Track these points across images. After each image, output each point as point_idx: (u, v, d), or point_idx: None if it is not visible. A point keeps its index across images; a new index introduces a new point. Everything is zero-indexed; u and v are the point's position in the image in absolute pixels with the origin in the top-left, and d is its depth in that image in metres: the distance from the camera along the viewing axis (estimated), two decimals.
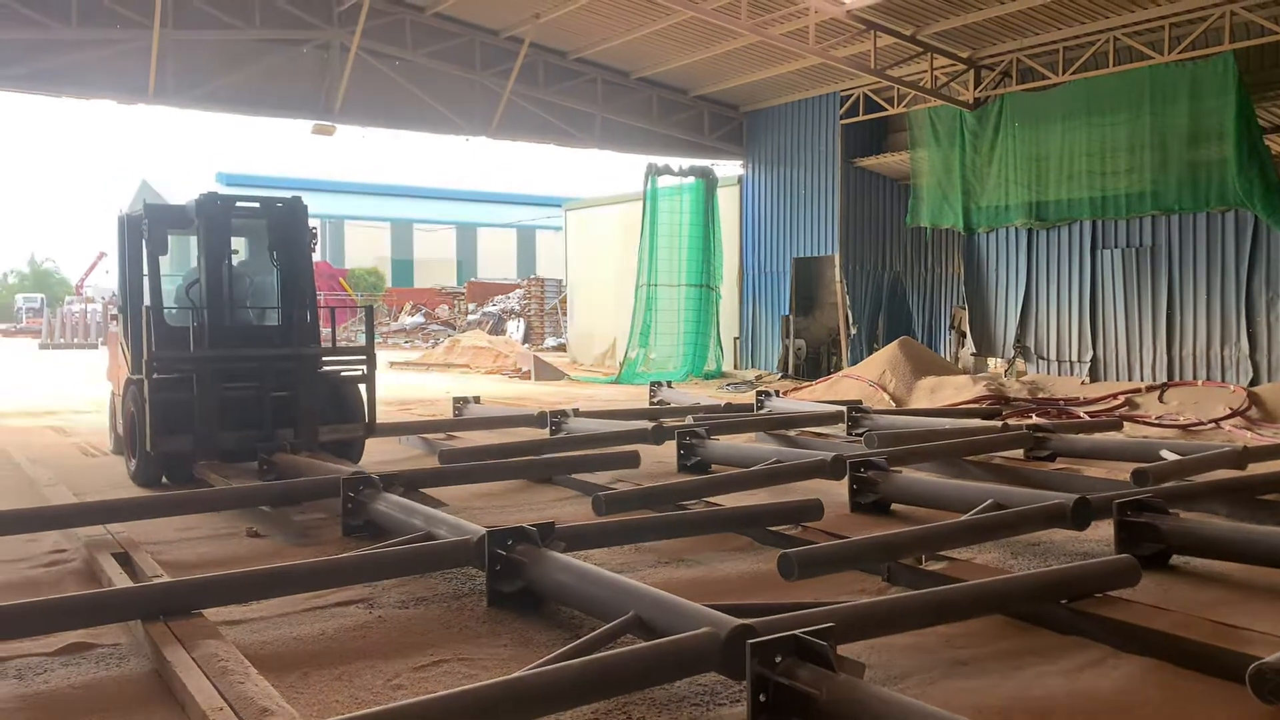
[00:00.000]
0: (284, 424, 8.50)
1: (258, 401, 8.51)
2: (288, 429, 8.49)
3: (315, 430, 8.56)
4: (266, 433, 8.44)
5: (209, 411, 8.20)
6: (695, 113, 20.84)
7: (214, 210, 8.51)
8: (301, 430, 8.47)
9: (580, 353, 25.77)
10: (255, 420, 8.48)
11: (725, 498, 6.98)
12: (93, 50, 15.48)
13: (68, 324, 38.01)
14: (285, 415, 8.54)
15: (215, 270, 8.51)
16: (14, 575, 5.63)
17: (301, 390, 8.53)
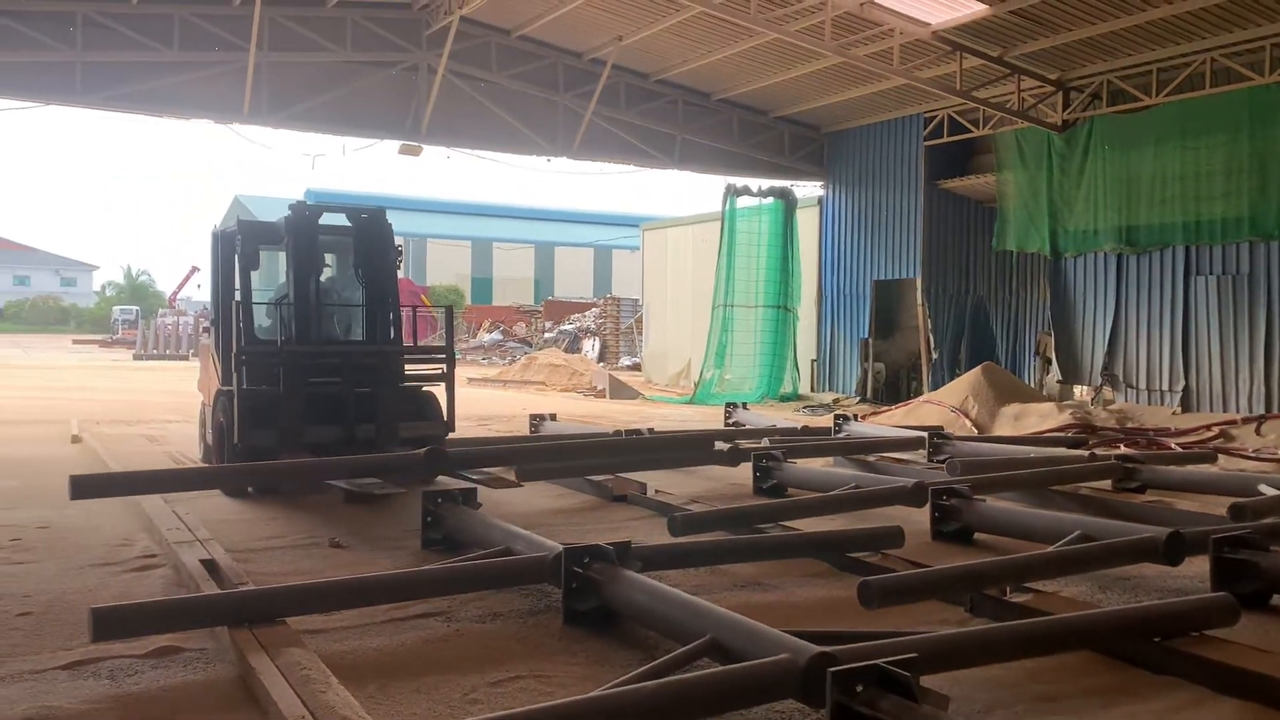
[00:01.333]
0: (365, 420, 8.74)
1: (341, 399, 8.76)
2: (369, 425, 8.73)
3: (395, 427, 8.75)
4: (349, 428, 8.64)
5: (294, 407, 8.44)
6: (775, 133, 20.79)
7: (303, 224, 8.77)
8: (382, 426, 8.65)
9: (655, 372, 25.79)
10: (338, 417, 8.72)
11: (802, 522, 6.89)
12: (192, 72, 16.04)
13: (161, 335, 39.25)
14: (367, 411, 8.81)
15: (304, 284, 8.76)
16: (107, 578, 5.81)
17: (383, 388, 8.71)
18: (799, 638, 3.76)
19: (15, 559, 6.24)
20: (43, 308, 71.54)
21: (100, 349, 43.67)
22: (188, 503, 7.79)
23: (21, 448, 11.50)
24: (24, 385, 21.77)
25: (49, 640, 4.64)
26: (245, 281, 8.83)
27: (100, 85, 15.57)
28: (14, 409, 16.15)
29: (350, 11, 16.88)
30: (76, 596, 5.32)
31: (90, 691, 4.00)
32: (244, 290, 8.75)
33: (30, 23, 14.98)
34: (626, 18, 16.68)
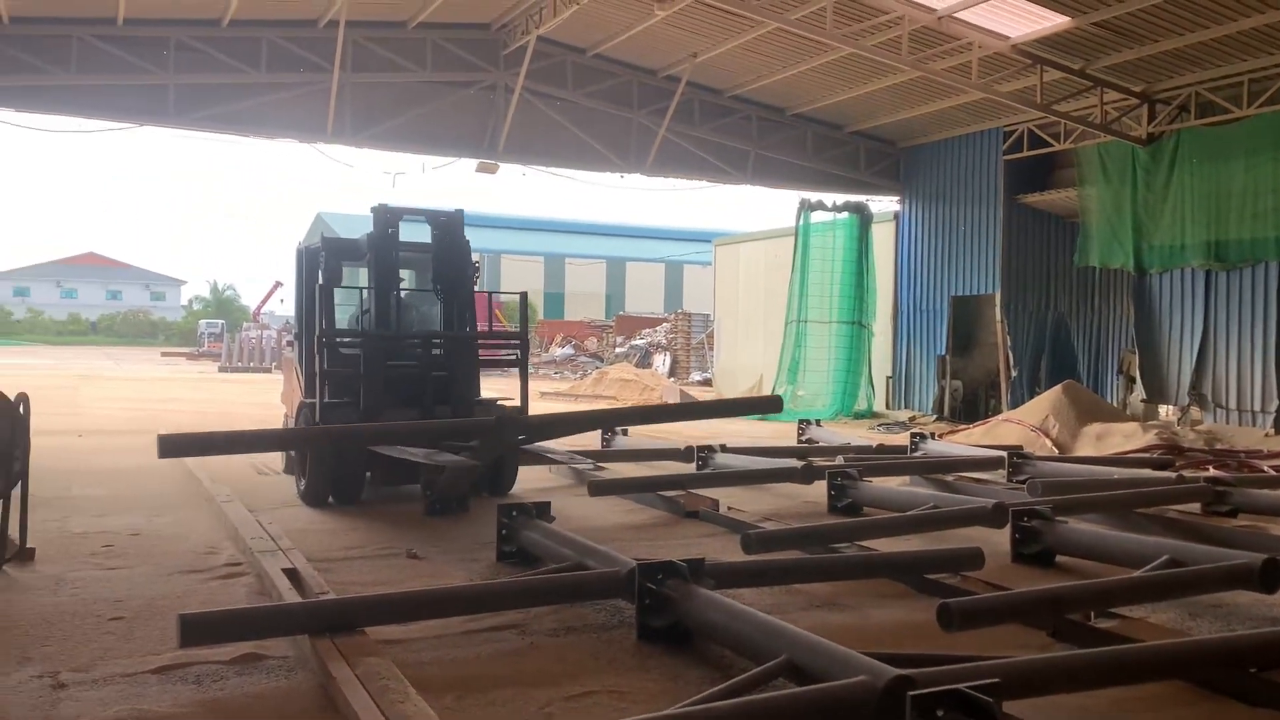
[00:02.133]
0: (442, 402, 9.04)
1: (419, 382, 9.07)
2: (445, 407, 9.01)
3: (471, 406, 8.94)
4: (426, 411, 8.94)
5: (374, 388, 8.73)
6: (850, 148, 20.64)
7: (383, 240, 8.99)
8: (458, 410, 8.80)
9: (726, 388, 25.69)
10: (416, 400, 8.99)
11: (879, 542, 6.80)
12: (278, 93, 16.52)
13: (245, 348, 40.33)
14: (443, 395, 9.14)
15: (384, 298, 8.97)
16: (194, 585, 5.97)
17: (459, 370, 8.97)
18: (877, 659, 3.71)
19: (108, 565, 6.45)
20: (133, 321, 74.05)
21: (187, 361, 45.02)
22: (271, 513, 7.99)
23: (113, 457, 11.89)
24: (115, 396, 22.54)
25: (140, 644, 4.78)
26: (328, 296, 9.05)
27: (191, 107, 16.11)
28: (106, 419, 16.73)
29: (430, 33, 17.23)
30: (165, 602, 5.47)
31: (178, 696, 4.11)
32: (327, 306, 8.97)
33: (127, 47, 15.58)
34: (702, 35, 16.74)
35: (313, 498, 8.74)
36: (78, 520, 7.88)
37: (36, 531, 6.95)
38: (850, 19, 14.80)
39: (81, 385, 25.61)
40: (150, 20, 15.54)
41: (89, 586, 5.85)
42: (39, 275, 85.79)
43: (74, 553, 6.73)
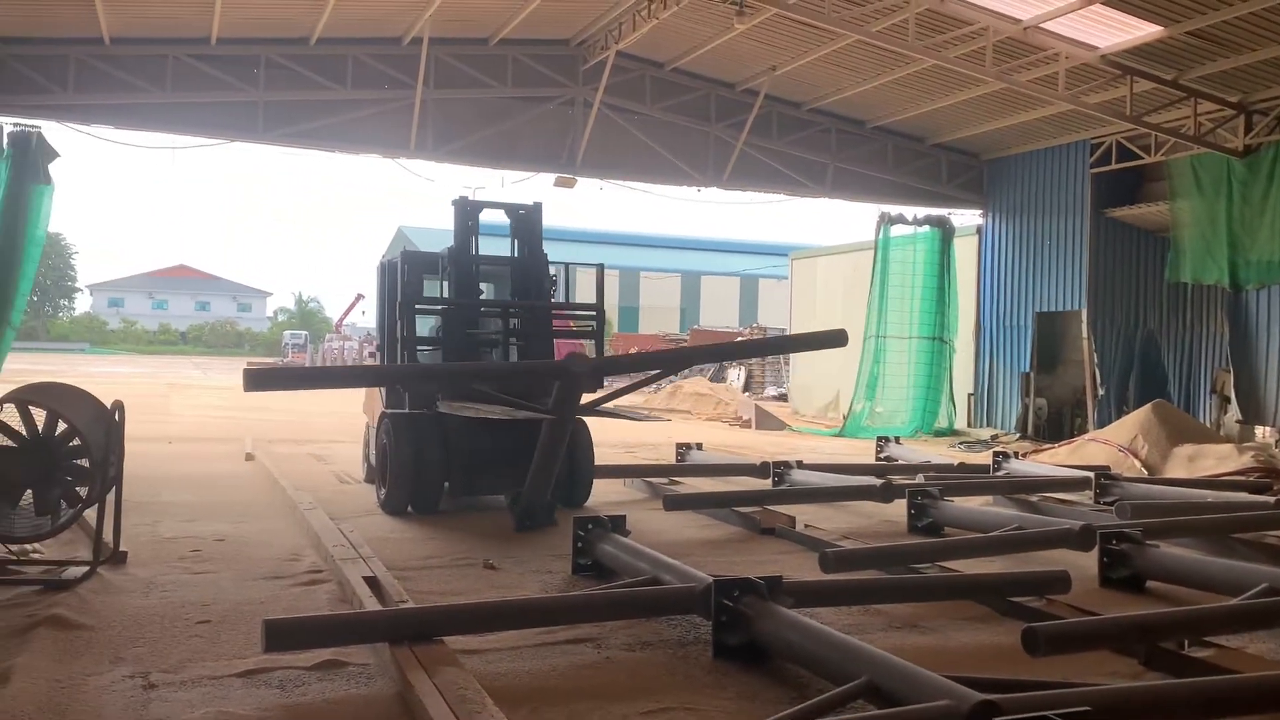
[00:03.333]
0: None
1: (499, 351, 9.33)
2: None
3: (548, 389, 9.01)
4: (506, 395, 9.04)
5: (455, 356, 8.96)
6: (932, 160, 20.35)
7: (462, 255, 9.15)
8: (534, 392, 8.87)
9: (802, 403, 25.48)
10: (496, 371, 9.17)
11: (960, 563, 6.65)
12: (363, 109, 16.90)
13: (327, 359, 41.23)
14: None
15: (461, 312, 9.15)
16: (278, 591, 6.09)
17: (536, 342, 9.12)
18: (960, 683, 3.62)
19: (195, 569, 6.62)
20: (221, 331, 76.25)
21: None
22: (352, 521, 8.13)
23: (201, 464, 12.23)
24: (204, 404, 23.20)
25: (226, 648, 4.89)
26: (409, 309, 9.22)
27: (279, 123, 16.57)
28: (194, 427, 17.23)
29: (511, 49, 17.46)
30: (250, 608, 5.59)
31: (262, 700, 4.19)
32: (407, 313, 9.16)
33: (219, 65, 16.09)
34: (781, 48, 16.68)
35: (392, 507, 8.87)
36: (167, 525, 8.11)
37: (129, 535, 7.16)
38: (933, 31, 14.60)
39: (171, 394, 26.42)
40: (242, 39, 16.03)
41: (178, 590, 6.00)
42: (132, 287, 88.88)
43: (164, 557, 6.92)
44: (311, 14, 15.26)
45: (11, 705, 3.94)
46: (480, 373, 8.61)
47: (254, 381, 6.91)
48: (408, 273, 9.29)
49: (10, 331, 16.04)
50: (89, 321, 76.70)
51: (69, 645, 4.83)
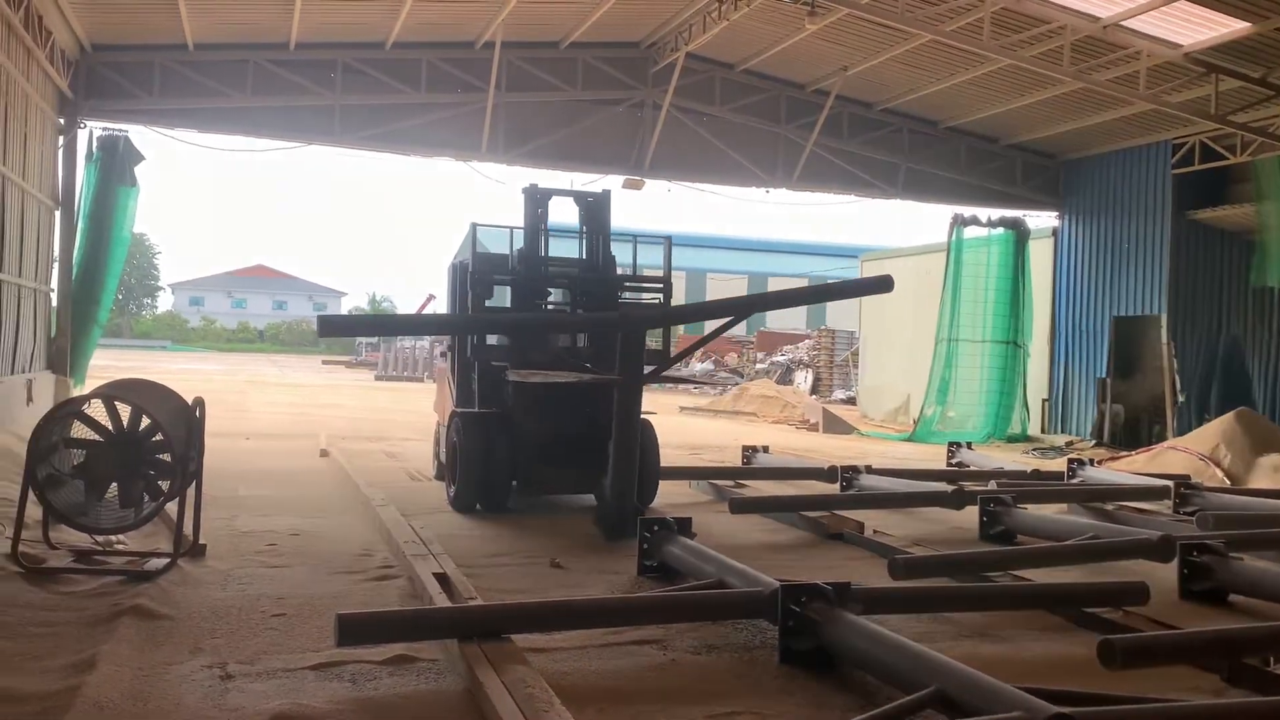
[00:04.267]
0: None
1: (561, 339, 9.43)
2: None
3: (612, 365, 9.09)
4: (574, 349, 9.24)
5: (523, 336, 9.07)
6: (1006, 162, 19.99)
7: (531, 259, 9.23)
8: (599, 364, 8.98)
9: (871, 407, 25.19)
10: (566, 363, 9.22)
11: (1033, 572, 6.52)
12: (436, 113, 17.15)
13: (400, 358, 41.87)
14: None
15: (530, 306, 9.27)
16: (350, 586, 6.21)
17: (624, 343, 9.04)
18: (1031, 694, 3.56)
19: (271, 563, 6.77)
20: (297, 330, 77.79)
21: (346, 369, 46.96)
22: (423, 517, 8.25)
23: (277, 460, 12.50)
24: (280, 401, 23.72)
25: (299, 641, 4.99)
26: (479, 309, 9.33)
27: (355, 126, 16.89)
28: (271, 424, 17.62)
29: (581, 52, 17.57)
30: (323, 602, 5.70)
31: (334, 693, 4.27)
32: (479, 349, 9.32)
33: (298, 70, 16.45)
34: (853, 48, 16.53)
35: (462, 504, 8.98)
36: (245, 519, 8.31)
37: (208, 529, 7.36)
38: (1009, 30, 14.34)
39: (249, 391, 27.06)
40: (319, 44, 16.37)
41: (254, 583, 6.15)
42: (212, 286, 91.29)
43: (241, 550, 7.10)
44: (387, 19, 15.52)
45: (97, 692, 4.07)
46: (543, 322, 8.87)
47: (327, 327, 7.14)
48: (477, 275, 9.42)
49: (97, 329, 16.60)
50: (171, 319, 78.94)
51: (151, 634, 4.97)
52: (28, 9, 12.15)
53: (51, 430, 6.16)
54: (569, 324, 9.43)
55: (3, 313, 11.82)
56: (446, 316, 9.76)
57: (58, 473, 6.20)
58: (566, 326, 9.45)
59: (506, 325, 8.95)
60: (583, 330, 9.44)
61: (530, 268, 9.29)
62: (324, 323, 7.16)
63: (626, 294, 9.72)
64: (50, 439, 6.15)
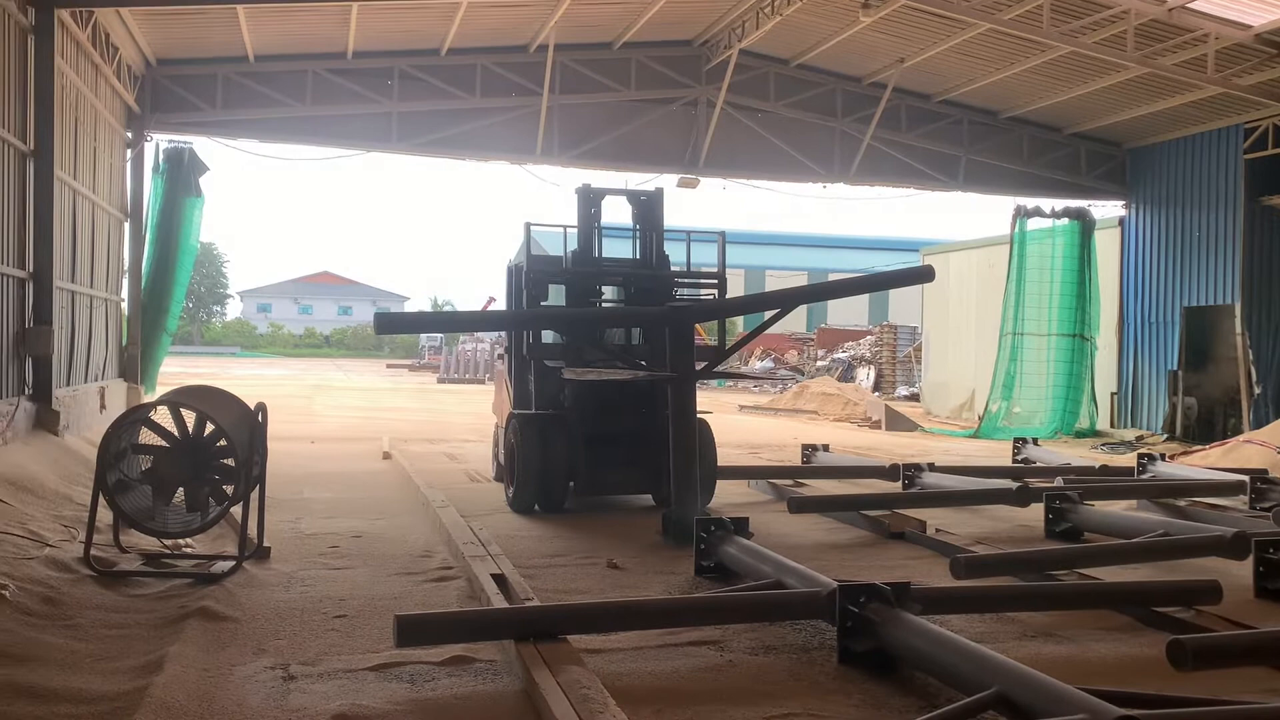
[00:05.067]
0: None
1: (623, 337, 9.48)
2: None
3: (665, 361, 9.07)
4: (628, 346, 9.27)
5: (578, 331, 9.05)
6: (1070, 151, 19.57)
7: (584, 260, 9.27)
8: (653, 362, 8.93)
9: (934, 403, 24.84)
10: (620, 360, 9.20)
11: (1101, 570, 6.36)
12: (491, 117, 17.29)
13: (461, 360, 42.28)
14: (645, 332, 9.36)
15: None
16: (410, 587, 6.27)
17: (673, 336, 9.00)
18: (1097, 696, 3.47)
19: (334, 564, 6.88)
20: (362, 334, 78.95)
21: (409, 373, 47.60)
22: (482, 519, 8.32)
23: (342, 463, 12.70)
24: (345, 405, 24.12)
25: (360, 642, 5.06)
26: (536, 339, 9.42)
27: (412, 133, 17.10)
28: (335, 427, 17.91)
29: (634, 52, 17.58)
30: (384, 603, 5.77)
31: (393, 693, 4.32)
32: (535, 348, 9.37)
33: (355, 78, 16.70)
34: (909, 39, 16.31)
35: (520, 505, 9.04)
36: (308, 522, 8.45)
37: (273, 532, 7.51)
38: (1069, 16, 14.05)
39: (315, 395, 27.54)
40: (376, 52, 16.60)
41: (317, 585, 6.25)
42: (279, 293, 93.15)
43: (304, 552, 7.21)
44: (441, 25, 15.69)
45: (164, 693, 4.16)
46: (591, 317, 8.96)
47: (384, 325, 7.25)
48: (532, 277, 9.48)
49: (166, 337, 17.03)
50: (240, 326, 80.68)
51: (216, 636, 5.08)
52: (95, 27, 12.50)
53: (120, 437, 6.32)
54: (617, 318, 9.52)
55: (75, 323, 12.18)
56: (496, 313, 9.89)
57: (126, 478, 6.37)
58: (614, 321, 9.53)
59: (554, 320, 9.03)
60: (630, 325, 9.52)
61: (583, 267, 9.33)
62: (380, 320, 7.26)
63: (681, 291, 9.68)
64: (119, 445, 6.32)
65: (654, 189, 9.87)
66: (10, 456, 8.62)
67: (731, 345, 9.37)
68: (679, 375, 7.84)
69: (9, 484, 7.79)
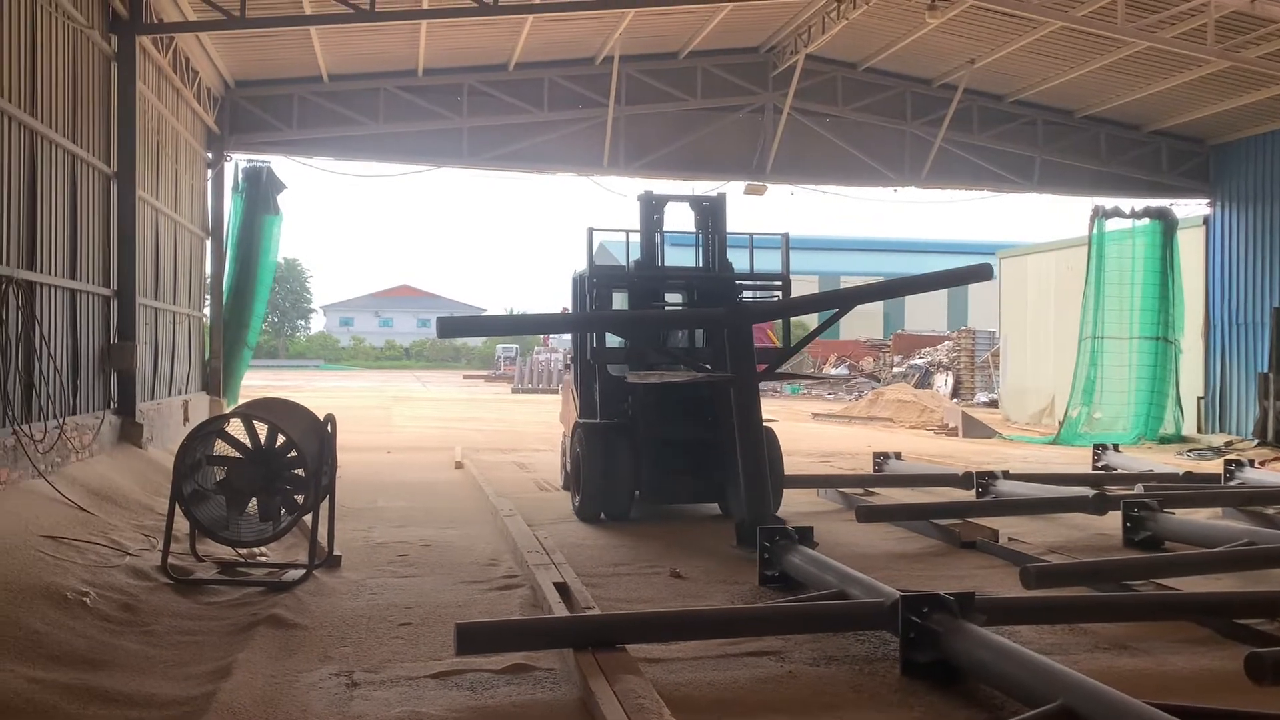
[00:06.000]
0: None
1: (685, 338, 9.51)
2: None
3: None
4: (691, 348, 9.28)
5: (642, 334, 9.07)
6: (1150, 149, 19.03)
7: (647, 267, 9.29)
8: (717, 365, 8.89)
9: (1013, 409, 24.30)
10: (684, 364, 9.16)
11: (1180, 581, 6.15)
12: (558, 130, 17.46)
13: (535, 370, 42.66)
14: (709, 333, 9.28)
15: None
16: (475, 595, 6.33)
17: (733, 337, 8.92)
18: (1167, 712, 3.35)
19: (402, 573, 6.98)
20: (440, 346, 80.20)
21: (485, 383, 48.13)
22: (548, 527, 8.37)
23: (416, 472, 12.90)
24: (422, 416, 24.50)
25: (423, 649, 5.12)
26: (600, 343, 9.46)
27: (481, 147, 17.35)
28: (411, 437, 18.18)
29: (700, 60, 17.60)
30: (448, 611, 5.83)
31: (452, 701, 4.36)
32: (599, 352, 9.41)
33: (426, 95, 17.00)
34: (979, 40, 16.04)
35: (586, 514, 9.08)
36: (380, 530, 8.59)
37: (345, 540, 7.66)
38: (1145, 10, 13.67)
39: (393, 406, 28.03)
40: (445, 69, 16.88)
41: (384, 593, 6.35)
42: (361, 307, 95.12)
43: (374, 561, 7.33)
44: (509, 41, 15.88)
45: (230, 698, 4.26)
46: (650, 319, 9.02)
47: (446, 329, 7.45)
48: (597, 286, 9.55)
49: (247, 351, 17.50)
50: (323, 339, 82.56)
51: (285, 643, 5.18)
52: (175, 52, 12.93)
53: (195, 449, 6.51)
54: (676, 320, 9.54)
55: (159, 338, 12.58)
56: (555, 315, 10.05)
57: (202, 488, 6.55)
58: (674, 322, 9.55)
59: (614, 322, 9.13)
60: (691, 326, 9.57)
61: (646, 272, 9.37)
62: (443, 324, 7.42)
63: (746, 295, 9.63)
64: (194, 457, 6.50)
65: (716, 194, 9.87)
66: (95, 468, 8.93)
67: (794, 346, 9.29)
68: (739, 377, 7.80)
69: (93, 495, 8.07)
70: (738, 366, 7.80)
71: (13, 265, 7.81)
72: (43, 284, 8.49)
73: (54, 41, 8.86)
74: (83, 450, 8.95)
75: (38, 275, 8.34)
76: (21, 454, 7.52)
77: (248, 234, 16.77)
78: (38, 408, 8.10)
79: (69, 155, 9.27)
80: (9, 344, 7.59)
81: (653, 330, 9.31)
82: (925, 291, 9.00)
